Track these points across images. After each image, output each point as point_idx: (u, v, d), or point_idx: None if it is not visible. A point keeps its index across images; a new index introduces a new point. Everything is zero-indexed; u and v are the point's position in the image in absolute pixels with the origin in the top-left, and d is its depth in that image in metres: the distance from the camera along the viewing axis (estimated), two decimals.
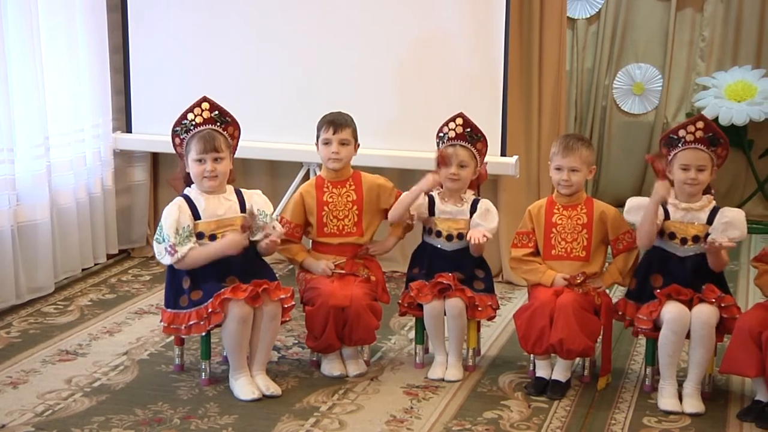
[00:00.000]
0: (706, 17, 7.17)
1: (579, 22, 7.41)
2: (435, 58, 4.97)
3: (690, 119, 3.59)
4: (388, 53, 5.02)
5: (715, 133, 3.54)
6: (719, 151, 3.55)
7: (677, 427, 3.35)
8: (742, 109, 6.70)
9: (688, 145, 3.53)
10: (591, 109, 7.47)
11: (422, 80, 5.00)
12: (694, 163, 3.53)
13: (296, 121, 4.98)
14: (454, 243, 3.83)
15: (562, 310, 3.55)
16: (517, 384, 3.73)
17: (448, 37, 4.94)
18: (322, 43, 5.08)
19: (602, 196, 6.74)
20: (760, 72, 6.88)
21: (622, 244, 3.73)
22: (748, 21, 7.04)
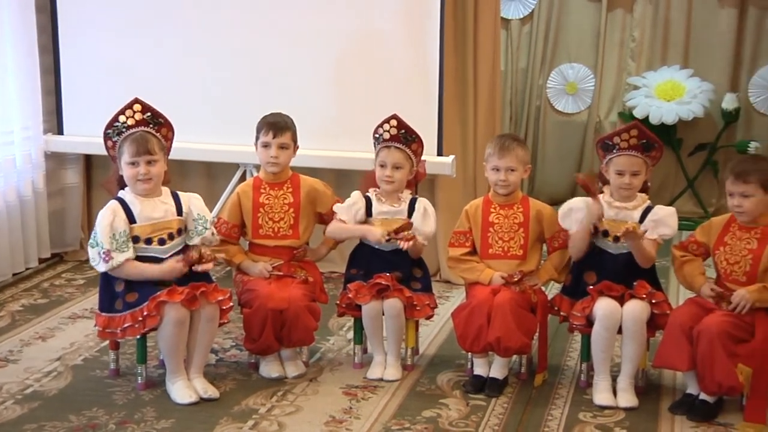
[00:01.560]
0: (635, 18, 7.30)
1: (513, 23, 7.48)
2: (371, 58, 4.98)
3: (624, 127, 3.65)
4: (324, 54, 5.01)
5: (649, 139, 3.60)
6: (653, 154, 3.62)
7: (612, 421, 3.40)
8: (672, 108, 6.84)
9: (623, 151, 3.60)
10: (525, 108, 7.56)
11: (359, 81, 5.01)
12: (629, 169, 3.60)
13: (233, 122, 4.95)
14: (392, 243, 3.84)
15: (499, 308, 3.58)
16: (455, 382, 3.75)
17: (383, 38, 4.95)
18: (259, 42, 5.05)
19: (537, 194, 6.81)
20: (688, 72, 7.03)
21: (557, 242, 3.78)
22: (675, 21, 7.18)
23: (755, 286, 3.41)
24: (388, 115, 3.86)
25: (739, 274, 3.47)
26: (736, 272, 3.48)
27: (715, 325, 3.34)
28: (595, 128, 7.28)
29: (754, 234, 3.47)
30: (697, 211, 6.97)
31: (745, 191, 3.43)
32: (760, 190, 3.42)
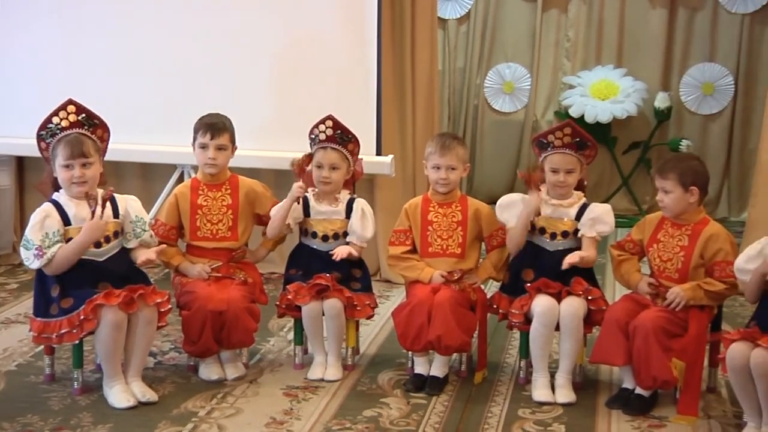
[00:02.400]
0: (570, 18, 7.41)
1: (450, 23, 7.54)
2: (309, 58, 4.97)
3: (558, 125, 3.70)
4: (262, 54, 4.99)
5: (582, 137, 3.66)
6: (587, 152, 3.67)
7: (550, 417, 3.44)
8: (606, 107, 6.96)
9: (557, 149, 3.65)
10: (463, 107, 7.62)
11: (297, 81, 5.00)
12: (563, 166, 3.65)
13: (169, 123, 4.90)
14: (330, 243, 3.83)
15: (439, 307, 3.60)
16: (396, 381, 3.76)
17: (321, 38, 4.94)
18: (196, 42, 5.01)
19: (476, 193, 6.87)
20: (621, 71, 7.15)
21: (495, 240, 3.81)
22: (609, 22, 7.31)
23: (690, 284, 3.47)
24: (323, 116, 3.85)
25: (672, 271, 3.54)
26: (669, 269, 3.54)
27: (650, 320, 3.40)
28: (532, 127, 7.38)
29: (685, 231, 3.54)
30: (631, 209, 7.10)
31: (664, 187, 3.51)
32: (678, 187, 3.49)
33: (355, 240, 3.84)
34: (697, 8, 7.20)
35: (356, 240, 3.84)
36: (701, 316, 3.45)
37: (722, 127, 7.22)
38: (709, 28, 7.18)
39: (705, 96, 7.19)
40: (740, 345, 3.16)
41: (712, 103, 7.20)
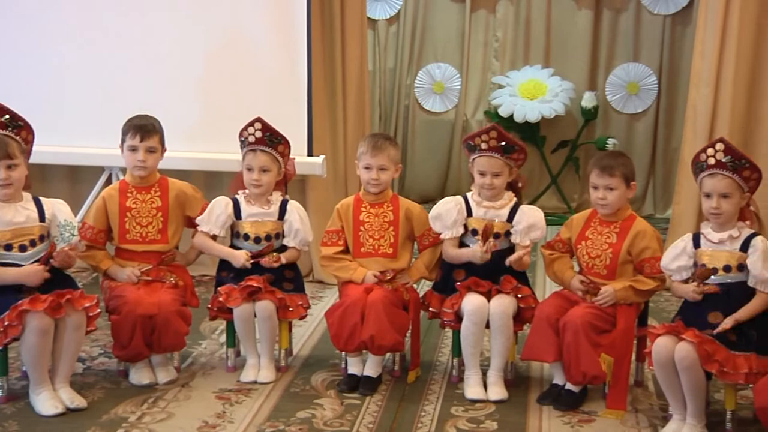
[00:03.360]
0: (498, 18, 7.48)
1: (380, 23, 7.55)
2: (238, 59, 4.94)
3: (484, 128, 3.74)
4: (190, 54, 4.95)
5: (508, 141, 3.69)
6: (515, 156, 3.71)
7: (482, 414, 3.47)
8: (535, 106, 7.04)
9: (483, 152, 3.69)
10: (394, 108, 7.64)
11: (227, 82, 4.96)
12: (490, 169, 3.69)
13: (97, 124, 4.83)
14: (262, 245, 3.82)
15: (372, 306, 3.61)
16: (329, 382, 3.76)
17: (250, 38, 4.92)
18: (124, 43, 4.94)
19: (407, 193, 6.91)
20: (549, 71, 7.25)
21: (427, 240, 3.84)
22: (536, 22, 7.40)
23: (622, 284, 3.53)
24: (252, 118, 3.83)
25: (600, 267, 3.60)
26: (597, 266, 3.60)
27: (579, 317, 3.46)
28: (463, 127, 7.44)
29: (613, 228, 3.60)
30: (560, 207, 7.20)
31: (609, 184, 3.56)
32: (623, 183, 3.56)
33: (296, 244, 3.84)
34: (621, 9, 7.34)
35: (297, 244, 3.84)
36: (629, 312, 3.52)
37: (647, 125, 7.37)
38: (633, 28, 7.32)
39: (630, 95, 7.33)
40: (665, 339, 3.23)
41: (636, 102, 7.34)
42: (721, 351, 3.16)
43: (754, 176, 3.28)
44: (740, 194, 3.27)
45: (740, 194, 3.27)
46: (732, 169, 3.25)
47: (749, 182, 3.28)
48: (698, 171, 3.34)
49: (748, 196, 3.30)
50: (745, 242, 3.27)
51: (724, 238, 3.30)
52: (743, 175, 3.26)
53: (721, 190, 3.26)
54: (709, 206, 3.28)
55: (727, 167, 3.25)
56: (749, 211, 3.34)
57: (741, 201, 3.29)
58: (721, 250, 3.30)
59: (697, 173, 3.35)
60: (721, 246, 3.30)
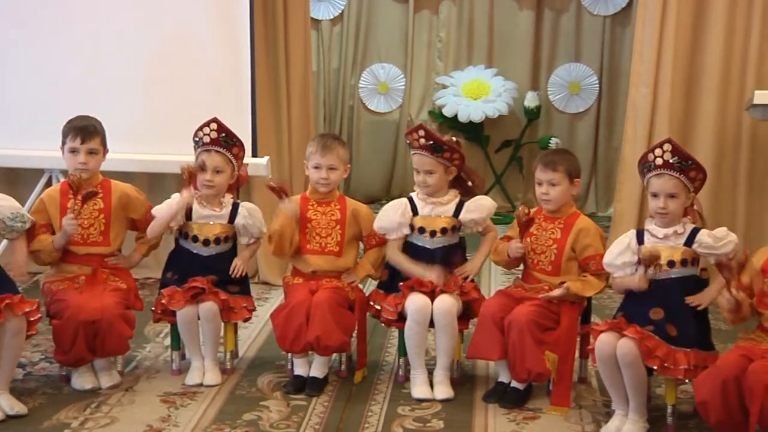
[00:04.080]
0: (441, 19, 7.53)
1: (323, 23, 7.55)
2: (181, 59, 4.91)
3: (413, 127, 3.76)
4: (133, 55, 4.90)
5: (436, 140, 3.71)
6: (446, 155, 3.72)
7: (429, 413, 3.49)
8: (478, 106, 7.10)
9: (416, 150, 3.71)
10: (339, 108, 7.65)
11: (170, 83, 4.93)
12: (422, 167, 3.72)
13: (36, 126, 4.76)
14: (211, 248, 3.79)
15: (317, 307, 3.60)
16: (275, 384, 3.75)
17: (193, 38, 4.89)
18: (65, 43, 4.87)
19: (353, 193, 6.91)
20: (492, 71, 7.32)
21: (374, 239, 3.85)
22: (478, 23, 7.47)
23: (574, 282, 3.56)
24: (208, 118, 3.80)
25: (545, 263, 3.64)
26: (543, 262, 3.64)
27: (523, 315, 3.49)
28: (407, 127, 7.44)
29: (557, 224, 3.65)
30: (505, 206, 7.27)
31: (552, 179, 3.60)
32: (566, 179, 3.60)
33: (253, 235, 3.84)
34: (562, 10, 7.43)
35: (254, 234, 3.84)
36: (572, 310, 3.56)
37: (588, 125, 7.48)
38: (574, 29, 7.42)
39: (572, 95, 7.43)
40: (607, 336, 3.28)
41: (578, 102, 7.44)
42: (662, 347, 3.21)
43: (699, 177, 3.34)
44: (686, 194, 3.33)
45: (686, 194, 3.33)
46: (679, 170, 3.30)
47: (695, 182, 3.33)
48: (645, 171, 3.38)
49: (693, 195, 3.36)
50: (689, 237, 3.33)
51: (669, 233, 3.35)
52: (689, 176, 3.31)
53: (668, 191, 3.31)
54: (656, 206, 3.33)
55: (674, 168, 3.30)
56: (693, 210, 3.40)
57: (687, 201, 3.34)
58: (665, 245, 3.35)
59: (644, 173, 3.40)
60: (665, 241, 3.35)
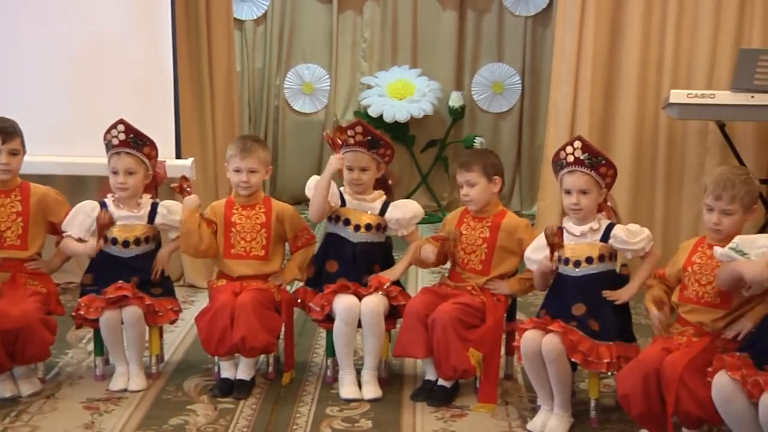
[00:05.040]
0: (365, 19, 7.55)
1: (247, 24, 7.50)
2: (103, 60, 4.83)
3: (350, 124, 3.77)
4: (53, 55, 4.81)
5: (374, 136, 3.73)
6: (381, 151, 3.75)
7: (357, 413, 3.49)
8: (403, 106, 7.14)
9: (350, 147, 3.71)
10: (264, 109, 7.61)
11: (92, 83, 4.84)
12: (357, 164, 3.72)
13: None
14: (132, 249, 3.74)
15: (242, 308, 3.58)
16: (202, 387, 3.71)
17: (114, 38, 4.82)
18: None
19: (279, 194, 6.89)
20: (417, 71, 7.35)
21: (300, 241, 3.84)
22: (402, 23, 7.50)
23: (510, 281, 3.64)
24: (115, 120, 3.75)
25: (476, 263, 3.67)
26: (473, 261, 3.68)
27: (447, 312, 3.52)
28: (333, 127, 7.44)
29: (485, 223, 3.69)
30: (431, 205, 7.31)
31: (469, 179, 3.64)
32: (483, 178, 3.64)
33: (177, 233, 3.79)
34: (484, 11, 7.51)
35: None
36: (497, 307, 3.60)
37: (512, 124, 7.57)
38: (497, 29, 7.51)
39: (495, 95, 7.51)
40: (532, 333, 3.33)
41: (502, 101, 7.53)
42: (585, 341, 3.27)
43: (610, 173, 3.41)
44: (598, 190, 3.39)
45: (598, 190, 3.39)
46: (590, 166, 3.37)
47: (606, 179, 3.40)
48: (558, 168, 3.45)
49: (606, 192, 3.43)
50: (605, 233, 3.40)
51: (585, 230, 3.41)
52: (600, 172, 3.38)
53: (580, 187, 3.38)
54: (569, 202, 3.40)
55: (584, 164, 3.37)
56: (607, 206, 3.47)
57: (599, 197, 3.41)
58: (582, 242, 3.41)
59: (557, 171, 3.46)
60: (582, 239, 3.41)
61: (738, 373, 2.81)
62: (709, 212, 3.14)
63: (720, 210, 3.11)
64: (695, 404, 2.97)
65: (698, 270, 3.17)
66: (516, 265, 3.71)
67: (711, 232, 3.17)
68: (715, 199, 3.11)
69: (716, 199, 3.11)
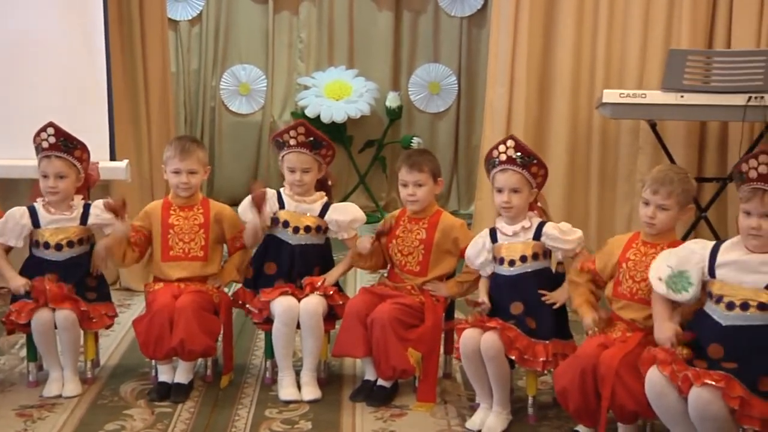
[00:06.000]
0: (301, 20, 7.52)
1: (181, 24, 7.43)
2: (35, 62, 4.76)
3: (292, 124, 3.75)
4: None
5: (316, 137, 3.72)
6: (323, 152, 3.75)
7: (297, 415, 3.48)
8: (341, 106, 7.13)
9: (292, 148, 3.70)
10: (200, 110, 7.54)
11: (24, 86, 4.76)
12: (299, 166, 3.71)
13: None
14: (65, 252, 3.68)
15: (181, 311, 3.55)
16: (139, 391, 3.67)
17: (45, 40, 4.74)
18: None
19: (217, 195, 6.82)
20: (353, 72, 7.36)
21: (238, 242, 3.81)
22: (339, 23, 7.50)
23: (448, 283, 3.65)
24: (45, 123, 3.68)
25: (413, 264, 3.69)
26: (411, 262, 3.69)
27: (386, 312, 3.53)
28: (270, 128, 7.43)
29: (422, 224, 3.70)
30: (369, 205, 7.31)
31: (418, 180, 3.65)
32: (431, 179, 3.67)
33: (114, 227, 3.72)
34: (420, 11, 7.54)
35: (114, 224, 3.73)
36: (436, 307, 3.62)
37: (449, 124, 7.61)
38: (432, 30, 7.54)
39: (432, 95, 7.55)
40: (471, 331, 3.35)
41: (438, 102, 7.57)
42: (522, 339, 3.31)
43: (541, 173, 3.46)
44: (529, 189, 3.43)
45: (529, 189, 3.43)
46: (521, 165, 3.41)
47: (537, 178, 3.45)
48: (491, 167, 3.48)
49: (537, 192, 3.47)
50: (537, 231, 3.44)
51: (518, 230, 3.45)
52: (532, 171, 3.42)
53: (511, 185, 3.41)
54: (501, 201, 3.43)
55: (516, 163, 3.41)
56: (537, 207, 3.51)
57: (530, 196, 3.45)
58: (516, 241, 3.45)
59: (489, 169, 3.50)
60: (515, 238, 3.45)
61: (668, 369, 2.87)
62: (645, 206, 3.20)
63: (656, 204, 3.17)
64: (630, 398, 3.02)
65: (633, 267, 3.22)
66: (454, 265, 3.73)
67: (645, 226, 3.22)
68: (653, 193, 3.17)
69: (653, 193, 3.17)
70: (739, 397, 2.75)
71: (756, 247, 2.88)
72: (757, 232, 2.85)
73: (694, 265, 2.98)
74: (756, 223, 2.85)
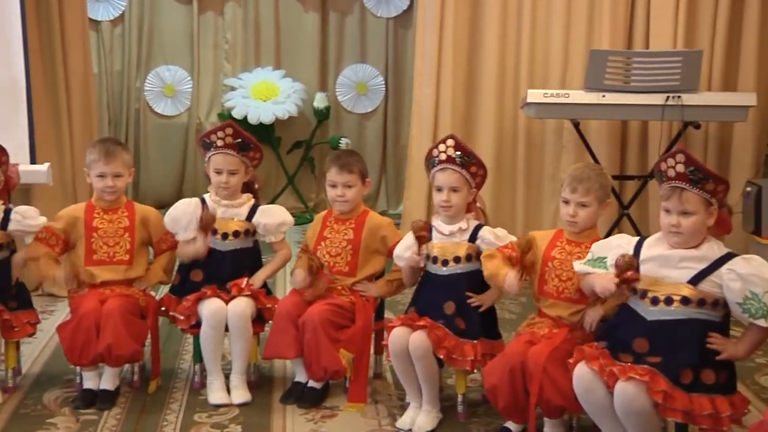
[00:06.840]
0: (227, 20, 7.48)
1: (103, 24, 7.31)
2: None
3: (220, 125, 3.72)
4: None
5: (244, 138, 3.69)
6: (251, 154, 3.72)
7: (226, 418, 3.45)
8: (268, 107, 7.10)
9: (219, 150, 3.67)
10: (124, 111, 7.43)
11: None
12: (226, 167, 3.68)
13: None
14: None
15: (109, 316, 3.48)
16: (63, 399, 3.60)
17: None
18: None
19: (143, 198, 6.73)
20: (281, 72, 7.33)
21: (165, 244, 3.77)
22: (265, 24, 7.48)
23: (379, 283, 3.67)
24: None
25: (342, 264, 3.68)
26: (339, 263, 3.68)
27: (317, 314, 3.52)
28: (196, 129, 7.36)
29: (349, 225, 3.70)
30: (298, 206, 7.30)
31: (348, 181, 3.65)
32: (359, 180, 3.67)
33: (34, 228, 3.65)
34: (347, 12, 7.55)
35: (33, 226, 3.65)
36: (366, 307, 3.62)
37: (377, 124, 7.63)
38: (359, 31, 7.56)
39: (359, 95, 7.56)
40: (400, 330, 3.36)
41: (366, 102, 7.58)
42: (451, 338, 3.33)
43: (480, 173, 3.48)
44: (468, 189, 3.45)
45: (468, 189, 3.45)
46: (461, 165, 3.42)
47: (476, 178, 3.47)
48: (431, 166, 3.49)
49: (475, 191, 3.50)
50: (473, 234, 3.46)
51: (454, 230, 3.46)
52: (471, 171, 3.44)
53: (451, 184, 3.43)
54: (440, 199, 3.45)
55: (456, 162, 3.42)
56: (476, 207, 3.54)
57: (469, 196, 3.46)
58: (451, 241, 3.47)
59: (429, 168, 3.51)
60: (451, 238, 3.47)
61: (596, 364, 2.91)
62: (566, 205, 3.24)
63: (576, 202, 3.22)
64: (557, 394, 3.06)
65: (558, 266, 3.26)
66: (383, 264, 3.74)
67: (567, 225, 3.27)
68: (571, 192, 3.22)
69: (572, 191, 3.22)
70: (662, 391, 2.80)
71: (677, 243, 2.95)
72: (677, 230, 2.92)
73: (614, 254, 3.04)
74: (675, 221, 2.92)
